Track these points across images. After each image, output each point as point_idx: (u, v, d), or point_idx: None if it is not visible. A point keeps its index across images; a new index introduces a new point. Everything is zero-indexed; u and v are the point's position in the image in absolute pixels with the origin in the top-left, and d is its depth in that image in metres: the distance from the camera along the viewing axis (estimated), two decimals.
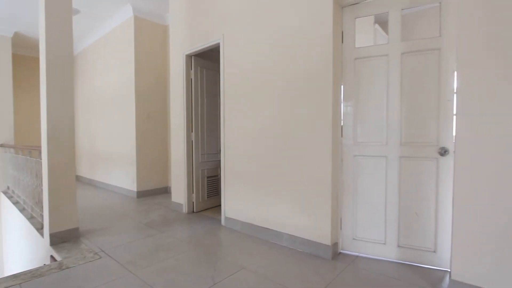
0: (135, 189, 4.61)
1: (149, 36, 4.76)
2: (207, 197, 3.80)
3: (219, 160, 3.90)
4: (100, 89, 5.66)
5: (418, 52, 2.04)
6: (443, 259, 2.03)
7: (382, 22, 2.82)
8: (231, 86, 3.00)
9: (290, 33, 2.45)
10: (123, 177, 4.94)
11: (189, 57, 3.59)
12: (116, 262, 2.22)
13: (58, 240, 2.61)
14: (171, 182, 4.24)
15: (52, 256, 2.51)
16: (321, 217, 2.28)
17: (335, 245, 2.30)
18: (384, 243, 2.22)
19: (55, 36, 2.60)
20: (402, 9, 2.09)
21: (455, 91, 1.82)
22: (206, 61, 3.79)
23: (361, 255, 2.31)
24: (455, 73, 1.75)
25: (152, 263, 2.20)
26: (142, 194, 4.64)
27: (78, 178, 6.56)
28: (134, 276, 1.99)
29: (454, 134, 1.89)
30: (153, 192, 4.81)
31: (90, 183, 6.07)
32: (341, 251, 2.37)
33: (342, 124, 2.33)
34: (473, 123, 1.64)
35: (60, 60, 2.63)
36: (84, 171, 6.42)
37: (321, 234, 2.29)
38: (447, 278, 1.92)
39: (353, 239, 2.33)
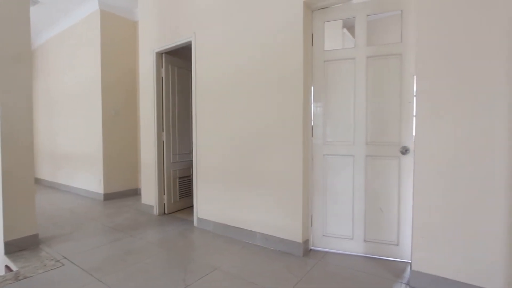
0: (101, 192, 4.39)
1: (117, 32, 4.55)
2: (179, 198, 3.72)
3: (191, 160, 3.84)
4: (63, 85, 5.31)
5: (382, 56, 2.16)
6: (405, 251, 2.16)
7: (349, 26, 2.94)
8: (203, 85, 2.96)
9: (262, 33, 2.47)
10: (89, 179, 4.68)
11: (159, 54, 3.49)
12: (80, 269, 2.10)
13: (15, 248, 2.42)
14: (141, 183, 4.10)
15: (7, 266, 2.32)
16: (293, 215, 2.33)
17: (306, 242, 2.36)
18: (351, 238, 2.32)
19: (9, 28, 2.40)
20: (368, 15, 2.20)
21: (414, 94, 1.95)
22: (178, 59, 3.71)
23: (330, 250, 2.39)
24: (415, 77, 1.87)
25: (120, 268, 2.11)
26: (109, 197, 4.43)
27: (39, 181, 6.10)
28: (100, 283, 1.90)
29: (414, 134, 2.02)
30: (122, 194, 4.61)
31: (52, 186, 5.68)
32: (312, 247, 2.44)
33: (312, 124, 2.39)
34: (430, 124, 1.77)
35: (16, 54, 2.43)
36: (45, 173, 5.98)
37: (292, 232, 2.34)
38: (408, 269, 2.05)
39: (323, 235, 2.41)
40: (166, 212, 3.55)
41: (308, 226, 2.41)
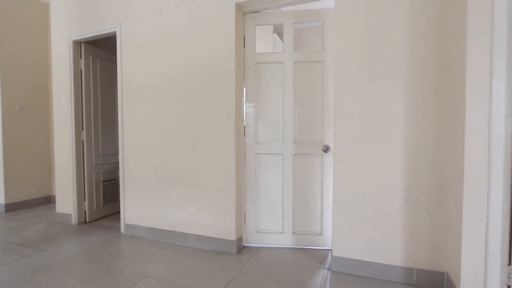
0: (2, 202, 3.69)
1: (21, 12, 3.87)
2: (104, 204, 3.39)
3: (118, 162, 3.53)
4: None
5: (307, 62, 2.34)
6: (327, 239, 2.40)
7: (279, 32, 3.11)
8: (131, 80, 2.75)
9: (195, 31, 2.42)
10: None
11: (77, 43, 3.11)
12: None
13: None
14: (55, 189, 3.59)
15: None
16: (226, 214, 2.35)
17: (239, 239, 2.42)
18: (282, 232, 2.46)
19: None
20: (295, 23, 2.35)
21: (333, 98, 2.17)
22: (101, 50, 3.35)
23: (263, 245, 2.50)
24: (333, 83, 2.08)
25: None
26: (13, 207, 3.75)
27: None
28: None
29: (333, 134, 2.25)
30: (31, 204, 3.96)
31: None
32: (245, 244, 2.51)
33: (244, 124, 2.46)
34: (345, 126, 2.00)
35: None
36: None
37: (226, 230, 2.36)
38: (330, 256, 2.29)
39: (256, 231, 2.50)
40: (87, 220, 3.19)
41: (242, 224, 2.47)
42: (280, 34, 2.51)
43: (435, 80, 1.79)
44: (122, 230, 2.85)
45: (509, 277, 1.49)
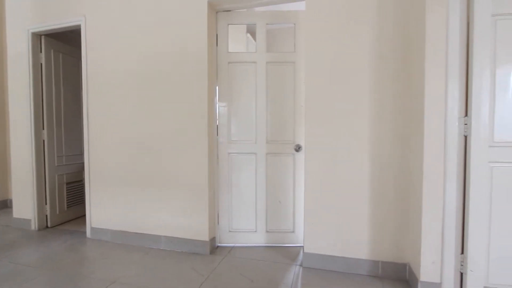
0: None
1: None
2: (68, 207, 3.19)
3: (83, 163, 3.34)
4: None
5: (279, 63, 2.38)
6: (299, 237, 2.46)
7: (252, 32, 3.12)
8: (97, 77, 2.62)
9: (167, 27, 2.36)
10: None
11: (37, 36, 2.89)
12: None
13: None
14: (12, 193, 3.31)
15: None
16: (199, 215, 2.32)
17: (212, 239, 2.40)
18: (255, 231, 2.48)
19: None
20: (267, 24, 2.37)
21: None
22: (64, 44, 3.15)
23: (236, 245, 2.50)
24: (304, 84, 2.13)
25: None
26: None
27: None
28: None
29: (304, 133, 2.31)
30: None
31: None
32: (219, 244, 2.50)
33: (217, 123, 2.44)
34: (316, 125, 2.05)
35: None
36: None
37: (199, 231, 2.34)
38: (301, 252, 2.34)
39: (229, 231, 2.50)
40: (49, 225, 2.99)
41: (215, 224, 2.45)
42: (253, 34, 2.52)
43: (398, 83, 1.90)
44: (88, 234, 2.71)
45: (461, 265, 1.63)
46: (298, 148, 2.38)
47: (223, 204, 2.48)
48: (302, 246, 2.35)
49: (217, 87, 2.43)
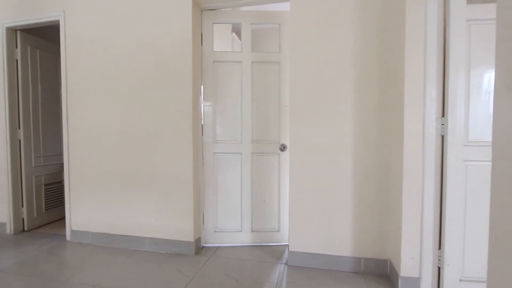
0: None
1: None
2: (46, 210, 3.08)
3: (63, 163, 3.23)
4: None
5: (264, 63, 2.38)
6: (285, 235, 2.48)
7: (238, 32, 3.11)
8: (77, 74, 2.53)
9: (150, 24, 2.32)
10: None
11: (12, 31, 2.77)
12: None
13: None
14: None
15: None
16: (184, 215, 2.30)
17: (198, 240, 2.38)
18: (240, 231, 2.48)
19: None
20: (252, 24, 2.38)
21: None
22: (42, 40, 3.03)
23: (222, 245, 2.49)
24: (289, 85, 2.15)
25: None
26: None
27: None
28: None
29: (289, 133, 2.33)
30: None
31: None
32: (204, 245, 2.48)
33: (202, 123, 2.42)
34: (301, 126, 2.08)
35: None
36: None
37: (184, 231, 2.31)
38: (286, 251, 2.36)
39: (215, 231, 2.48)
40: (26, 229, 2.87)
41: (200, 224, 2.43)
42: (239, 34, 2.52)
43: (380, 84, 1.95)
44: (68, 237, 2.62)
45: (439, 260, 1.70)
46: (283, 148, 2.40)
47: (209, 204, 2.46)
48: (287, 245, 2.37)
49: (202, 87, 2.41)
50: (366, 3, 1.95)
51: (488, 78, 1.60)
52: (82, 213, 2.58)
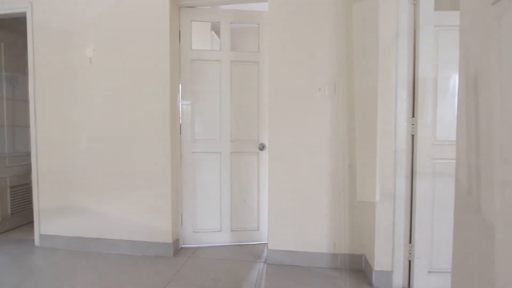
0: None
1: None
2: (12, 214, 2.90)
3: (31, 164, 3.05)
4: None
5: (243, 62, 2.39)
6: (264, 234, 2.50)
7: (217, 30, 3.09)
8: (47, 69, 2.40)
9: (127, 20, 2.24)
10: None
11: None
12: None
13: None
14: None
15: None
16: (162, 216, 2.25)
17: (176, 241, 2.34)
18: (220, 231, 2.47)
19: None
20: (231, 22, 2.37)
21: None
22: (6, 32, 2.84)
23: (201, 245, 2.47)
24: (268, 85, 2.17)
25: None
26: None
27: None
28: None
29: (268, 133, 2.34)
30: None
31: None
32: (183, 246, 2.44)
33: (181, 122, 2.38)
34: (280, 125, 2.10)
35: None
36: None
37: (162, 233, 2.26)
38: (265, 249, 2.38)
39: (194, 232, 2.45)
40: None
41: (178, 225, 2.39)
42: (218, 33, 2.50)
43: (355, 85, 2.01)
44: (37, 242, 2.48)
45: (410, 253, 1.78)
46: (262, 147, 2.41)
47: (187, 205, 2.43)
48: (267, 243, 2.39)
49: (180, 85, 2.36)
50: (343, 4, 2.00)
51: (454, 81, 1.70)
52: (52, 216, 2.45)
